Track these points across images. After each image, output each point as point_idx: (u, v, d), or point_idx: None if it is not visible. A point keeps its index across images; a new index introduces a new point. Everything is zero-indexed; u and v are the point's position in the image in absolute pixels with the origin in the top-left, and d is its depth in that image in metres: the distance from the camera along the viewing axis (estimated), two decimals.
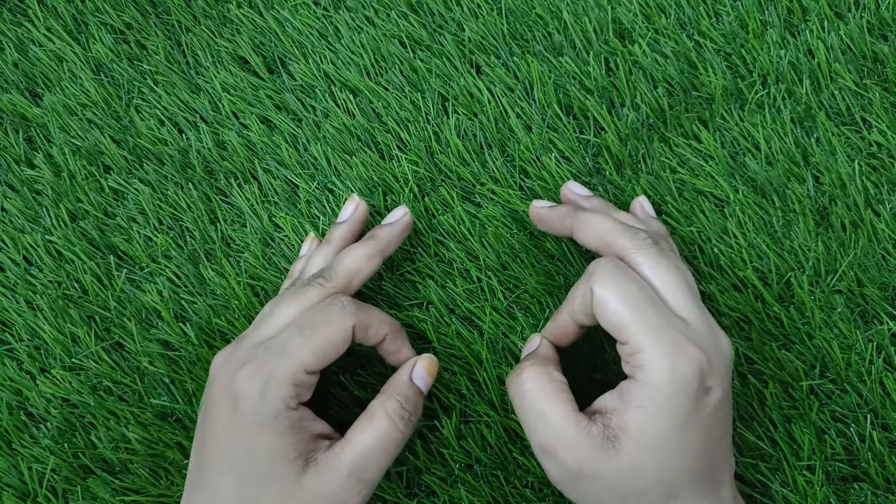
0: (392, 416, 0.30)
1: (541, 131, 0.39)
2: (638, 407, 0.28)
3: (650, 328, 0.28)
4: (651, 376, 0.28)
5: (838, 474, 0.35)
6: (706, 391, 0.28)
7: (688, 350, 0.28)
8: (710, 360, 0.28)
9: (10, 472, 0.36)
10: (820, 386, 0.35)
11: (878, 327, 0.36)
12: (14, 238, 0.40)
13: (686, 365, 0.28)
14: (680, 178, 0.38)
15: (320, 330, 0.30)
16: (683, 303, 0.30)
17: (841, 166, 0.37)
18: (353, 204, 0.37)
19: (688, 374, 0.28)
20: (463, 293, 0.38)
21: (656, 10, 0.40)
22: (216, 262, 0.39)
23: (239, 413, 0.29)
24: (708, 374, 0.28)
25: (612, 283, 0.29)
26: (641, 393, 0.28)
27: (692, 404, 0.28)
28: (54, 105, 0.41)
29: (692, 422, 0.28)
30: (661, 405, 0.28)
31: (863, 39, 0.39)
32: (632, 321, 0.28)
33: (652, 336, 0.28)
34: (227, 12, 0.42)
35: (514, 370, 0.31)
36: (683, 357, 0.28)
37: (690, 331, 0.29)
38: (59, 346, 0.38)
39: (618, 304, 0.29)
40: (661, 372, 0.28)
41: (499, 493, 0.35)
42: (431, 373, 0.32)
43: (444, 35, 0.41)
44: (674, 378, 0.28)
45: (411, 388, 0.31)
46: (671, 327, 0.28)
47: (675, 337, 0.28)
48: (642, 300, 0.29)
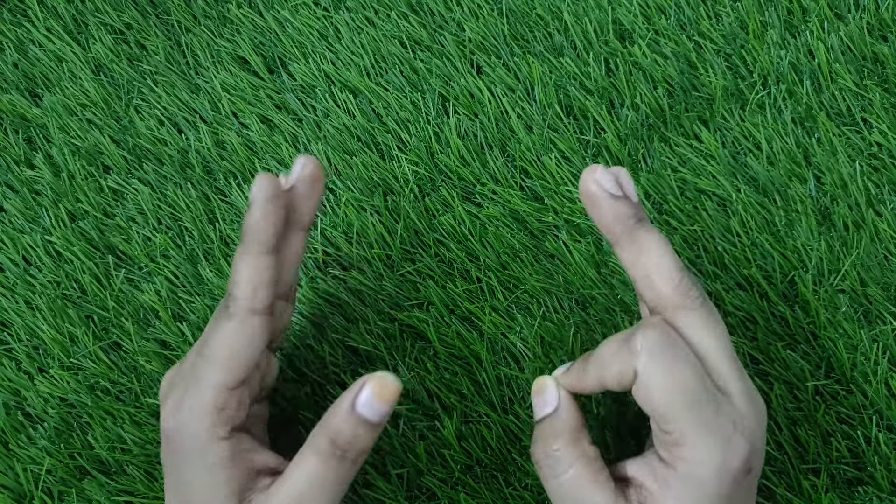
0: (322, 454, 0.26)
1: (541, 131, 0.39)
2: (678, 498, 0.25)
3: (700, 423, 0.25)
4: (696, 471, 0.25)
5: (843, 478, 0.34)
6: (748, 471, 0.26)
7: (735, 442, 0.25)
8: (755, 444, 0.26)
9: (6, 473, 0.36)
10: (825, 387, 0.35)
11: (882, 327, 0.35)
12: (13, 238, 0.40)
13: (733, 458, 0.25)
14: (681, 178, 0.38)
15: (214, 344, 0.26)
16: (727, 371, 0.26)
17: (842, 166, 0.37)
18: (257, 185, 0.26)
19: (735, 468, 0.25)
20: (463, 293, 0.37)
21: (656, 10, 0.40)
22: (214, 262, 0.39)
23: (172, 450, 0.27)
24: (752, 458, 0.26)
25: (664, 368, 0.25)
26: (682, 487, 0.25)
27: (735, 488, 0.26)
28: (54, 105, 0.41)
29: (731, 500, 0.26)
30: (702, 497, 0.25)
31: (863, 40, 0.39)
32: (681, 414, 0.25)
33: (702, 432, 0.25)
34: (227, 12, 0.43)
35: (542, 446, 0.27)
36: (731, 451, 0.25)
37: (736, 412, 0.26)
38: (57, 346, 0.38)
39: (666, 394, 0.25)
40: (709, 471, 0.25)
41: (498, 495, 0.35)
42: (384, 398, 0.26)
43: (444, 35, 0.41)
44: (721, 475, 0.25)
45: (350, 419, 0.26)
46: (722, 418, 0.25)
47: (725, 431, 0.25)
48: (695, 390, 0.25)
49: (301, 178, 0.28)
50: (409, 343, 0.37)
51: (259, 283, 0.26)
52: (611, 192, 0.26)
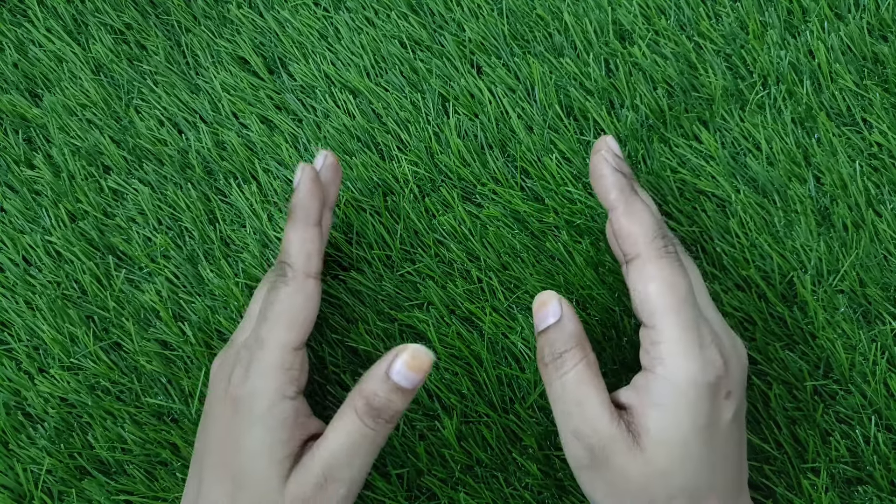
0: (360, 413, 0.28)
1: (542, 132, 0.39)
2: (657, 405, 0.27)
3: (684, 323, 0.27)
4: (674, 374, 0.27)
5: (843, 477, 0.34)
6: (726, 396, 0.27)
7: (711, 353, 0.27)
8: (728, 365, 0.28)
9: (6, 473, 0.36)
10: (824, 387, 0.35)
11: (881, 327, 0.35)
12: (13, 238, 0.40)
13: (709, 367, 0.27)
14: (681, 178, 0.38)
15: (278, 306, 0.29)
16: (706, 303, 0.29)
17: (842, 166, 0.37)
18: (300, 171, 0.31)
19: (710, 377, 0.27)
20: (463, 293, 0.37)
21: (656, 11, 0.40)
22: (215, 262, 0.39)
23: (238, 414, 0.28)
24: (726, 380, 0.27)
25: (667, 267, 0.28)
26: (661, 390, 0.27)
27: (713, 409, 0.27)
28: (54, 105, 0.41)
29: (715, 429, 0.27)
30: (682, 406, 0.27)
31: (863, 40, 0.39)
32: (671, 312, 0.27)
33: (683, 331, 0.27)
34: (227, 13, 0.43)
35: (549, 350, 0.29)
36: (707, 359, 0.27)
37: (713, 331, 0.28)
38: (57, 346, 0.38)
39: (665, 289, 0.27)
40: (685, 371, 0.27)
41: (498, 495, 0.35)
42: (416, 367, 0.28)
43: (444, 35, 0.41)
44: (696, 379, 0.27)
45: (385, 384, 0.28)
46: (702, 327, 0.27)
47: (703, 338, 0.27)
48: (688, 295, 0.28)
49: (325, 166, 0.32)
50: (410, 343, 0.37)
51: (311, 250, 0.30)
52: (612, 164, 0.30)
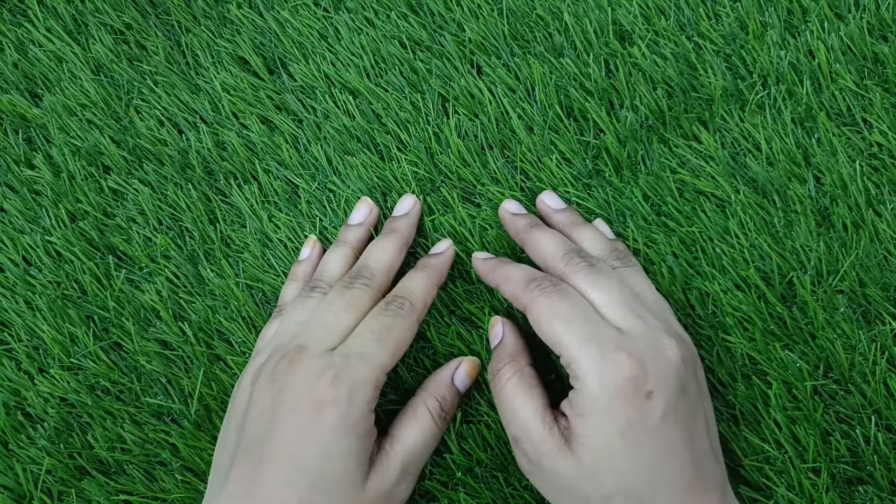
0: (433, 413, 0.33)
1: (542, 132, 0.39)
2: (580, 415, 0.29)
3: (579, 340, 0.30)
4: (585, 385, 0.29)
5: (843, 477, 0.34)
6: (647, 396, 0.29)
7: (616, 357, 0.29)
8: (645, 366, 0.29)
9: (6, 473, 0.36)
10: (824, 387, 0.35)
11: (880, 327, 0.35)
12: (13, 238, 0.40)
13: (615, 371, 0.29)
14: (680, 179, 0.38)
15: (394, 333, 0.32)
16: (620, 314, 0.31)
17: (842, 167, 0.37)
18: (367, 207, 0.38)
19: (618, 381, 0.29)
20: (463, 293, 0.37)
21: (656, 11, 0.40)
22: (215, 262, 0.39)
23: (322, 420, 0.29)
24: (643, 380, 0.29)
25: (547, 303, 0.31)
26: (580, 401, 0.29)
27: (632, 410, 0.29)
28: (54, 105, 0.41)
29: (640, 428, 0.29)
30: (598, 412, 0.29)
31: (863, 40, 0.39)
32: (563, 335, 0.30)
33: (580, 347, 0.29)
34: (227, 13, 0.43)
35: (492, 365, 0.33)
36: (612, 364, 0.29)
37: (624, 339, 0.30)
38: (57, 346, 0.38)
39: (549, 321, 0.30)
40: (592, 380, 0.29)
41: (498, 495, 0.35)
42: (472, 376, 0.35)
43: (444, 36, 0.41)
44: (604, 385, 0.29)
45: (451, 389, 0.34)
46: (600, 336, 0.30)
47: (603, 345, 0.29)
48: (572, 315, 0.30)
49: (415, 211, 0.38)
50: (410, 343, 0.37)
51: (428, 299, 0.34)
52: (511, 211, 0.37)
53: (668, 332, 0.31)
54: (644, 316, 0.31)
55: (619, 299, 0.31)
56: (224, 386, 0.37)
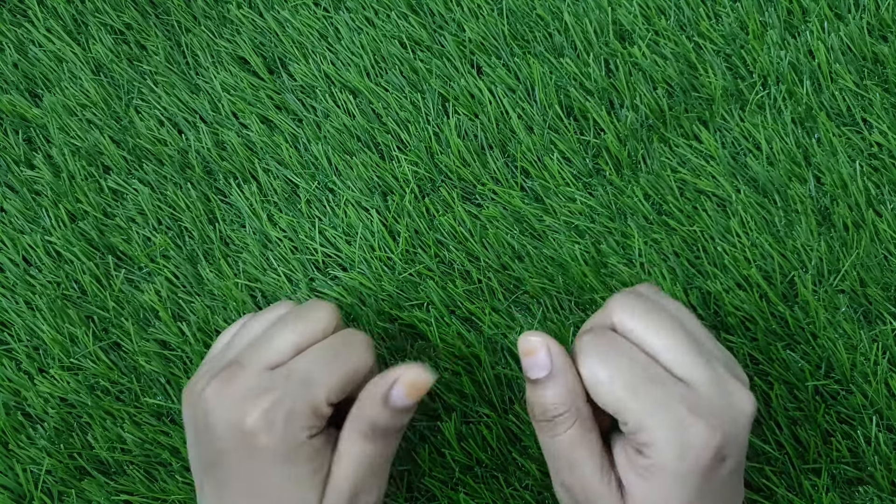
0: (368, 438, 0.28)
1: (542, 132, 0.39)
2: (642, 478, 0.27)
3: (650, 406, 0.26)
4: (656, 455, 0.26)
5: (844, 477, 0.34)
6: (721, 461, 0.27)
7: (695, 425, 0.26)
8: (723, 429, 0.26)
9: (6, 473, 0.36)
10: (825, 387, 0.35)
11: (881, 327, 0.35)
12: (13, 238, 0.40)
13: (696, 441, 0.26)
14: (681, 178, 0.38)
15: (346, 359, 0.29)
16: (684, 360, 0.27)
17: (842, 166, 0.37)
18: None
19: (699, 451, 0.26)
20: (463, 294, 0.37)
21: (656, 11, 0.40)
22: (214, 262, 0.39)
23: (256, 447, 0.27)
24: (722, 445, 0.26)
25: (599, 361, 0.27)
26: (647, 467, 0.27)
27: (704, 479, 0.26)
28: (54, 105, 0.41)
29: (706, 492, 0.27)
30: (667, 482, 0.26)
31: (863, 40, 0.39)
32: (628, 402, 0.26)
33: (653, 415, 0.26)
34: (227, 13, 0.43)
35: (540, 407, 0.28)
36: (692, 434, 0.26)
37: (696, 397, 0.26)
38: (57, 346, 0.38)
39: (609, 385, 0.27)
40: (665, 452, 0.26)
41: (498, 495, 0.35)
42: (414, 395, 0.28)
43: (444, 35, 0.41)
44: (684, 458, 0.26)
45: (385, 409, 0.28)
46: (672, 400, 0.26)
47: (679, 412, 0.26)
48: (635, 375, 0.27)
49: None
50: (409, 343, 0.37)
51: None
52: None
53: (736, 377, 0.28)
54: (711, 361, 0.27)
55: (679, 339, 0.27)
56: None
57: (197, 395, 0.28)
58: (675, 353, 0.27)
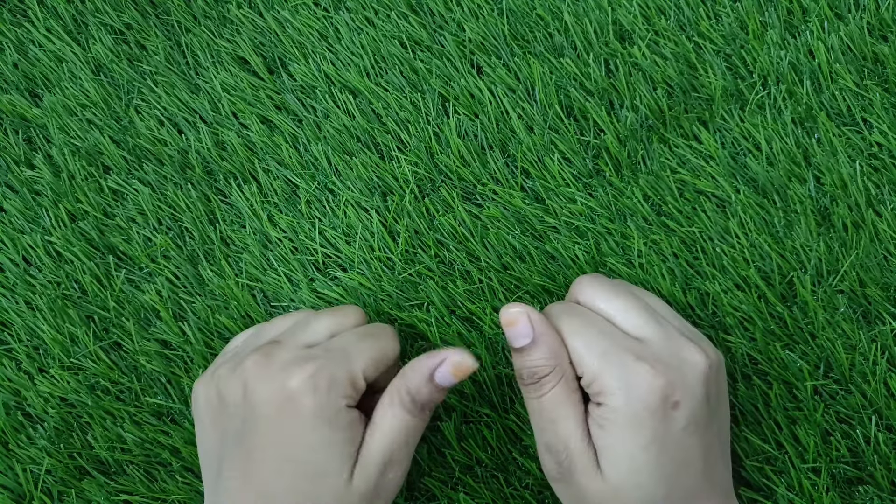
0: (405, 406, 0.30)
1: (542, 132, 0.39)
2: (601, 428, 0.29)
3: (598, 354, 0.29)
4: (608, 400, 0.28)
5: (843, 477, 0.34)
6: (673, 406, 0.28)
7: (639, 368, 0.28)
8: (670, 377, 0.28)
9: (6, 473, 0.36)
10: (824, 386, 0.35)
11: (881, 327, 0.35)
12: (13, 238, 0.40)
13: (640, 384, 0.28)
14: (681, 179, 0.38)
15: (379, 340, 0.31)
16: (638, 323, 0.30)
17: (842, 167, 0.37)
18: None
19: (643, 393, 0.28)
20: (463, 293, 0.37)
21: (656, 11, 0.40)
22: (215, 262, 0.39)
23: (298, 410, 0.28)
24: (669, 390, 0.28)
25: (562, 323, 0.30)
26: (604, 415, 0.29)
27: (657, 422, 0.28)
28: (54, 105, 0.41)
29: (664, 440, 0.28)
30: (622, 426, 0.28)
31: (863, 40, 0.39)
32: (585, 355, 0.29)
33: (600, 362, 0.29)
34: (227, 13, 0.43)
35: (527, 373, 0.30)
36: (635, 376, 0.28)
37: (645, 349, 0.29)
38: (57, 346, 0.38)
39: (570, 341, 0.30)
40: (615, 394, 0.28)
41: (498, 495, 0.35)
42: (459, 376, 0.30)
43: (444, 36, 0.41)
44: (629, 398, 0.28)
45: (429, 384, 0.30)
46: (619, 349, 0.29)
47: (623, 357, 0.29)
48: (588, 330, 0.30)
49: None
50: (410, 343, 0.37)
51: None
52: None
53: (689, 338, 0.30)
54: (663, 323, 0.30)
55: (635, 308, 0.30)
56: None
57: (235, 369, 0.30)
58: (628, 314, 0.30)
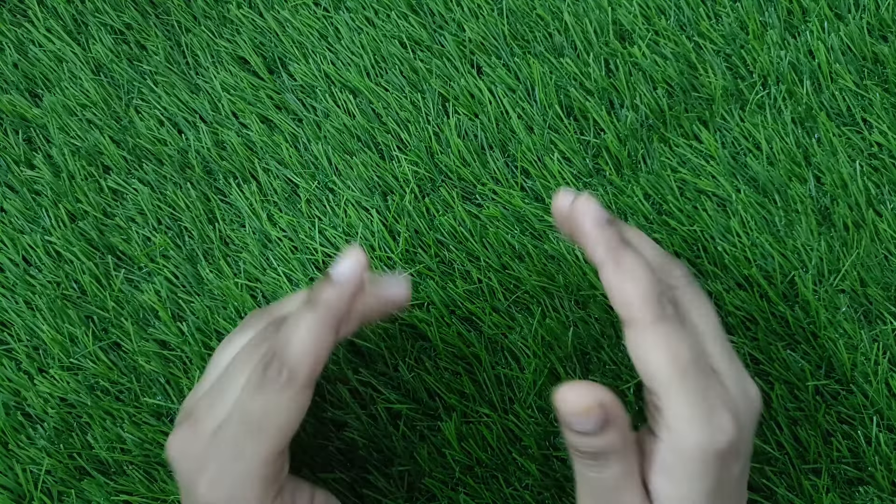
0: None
1: (542, 132, 0.39)
2: (660, 473, 0.26)
3: (690, 393, 0.25)
4: (680, 443, 0.25)
5: (844, 478, 0.34)
6: (735, 457, 0.26)
7: (722, 419, 0.25)
8: (742, 423, 0.26)
9: (5, 473, 0.36)
10: (825, 386, 0.35)
11: (882, 327, 0.35)
12: (13, 238, 0.40)
13: (719, 435, 0.25)
14: (681, 178, 0.38)
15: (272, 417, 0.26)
16: (718, 352, 0.27)
17: (842, 166, 0.37)
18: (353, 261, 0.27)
19: (721, 446, 0.25)
20: (463, 293, 0.37)
21: (656, 11, 0.40)
22: (214, 262, 0.39)
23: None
24: (739, 443, 0.26)
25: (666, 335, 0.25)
26: (667, 457, 0.25)
27: (721, 473, 0.26)
28: (54, 105, 0.41)
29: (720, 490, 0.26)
30: (689, 476, 0.25)
31: (863, 40, 0.39)
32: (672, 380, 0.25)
33: (689, 400, 0.25)
34: (227, 12, 0.43)
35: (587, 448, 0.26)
36: (717, 426, 0.25)
37: (724, 389, 0.26)
38: (57, 346, 0.38)
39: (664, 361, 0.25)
40: (691, 440, 0.25)
41: (498, 495, 0.35)
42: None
43: (444, 35, 0.41)
44: (706, 448, 0.25)
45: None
46: (709, 390, 0.25)
47: (712, 403, 0.25)
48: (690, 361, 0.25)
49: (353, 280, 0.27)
50: (410, 343, 0.37)
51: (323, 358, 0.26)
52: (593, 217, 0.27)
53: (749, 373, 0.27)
54: (732, 354, 0.27)
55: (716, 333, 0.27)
56: None
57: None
58: (713, 341, 0.27)
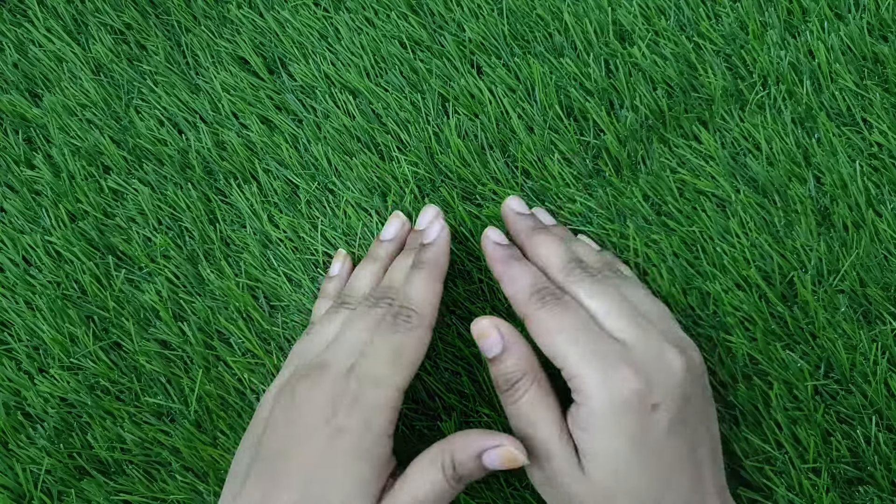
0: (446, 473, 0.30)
1: (542, 132, 0.39)
2: (584, 430, 0.29)
3: (582, 355, 0.29)
4: (589, 400, 0.29)
5: (844, 477, 0.34)
6: (653, 409, 0.29)
7: (621, 371, 0.29)
8: (649, 378, 0.29)
9: (6, 473, 0.36)
10: (825, 386, 0.35)
11: (881, 327, 0.35)
12: (13, 238, 0.40)
13: (620, 385, 0.29)
14: (681, 179, 0.38)
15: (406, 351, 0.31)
16: (621, 325, 0.31)
17: (842, 167, 0.37)
18: (399, 222, 0.37)
19: (623, 395, 0.29)
20: (463, 293, 0.37)
21: (656, 11, 0.40)
22: (215, 262, 0.39)
23: (336, 446, 0.29)
24: (648, 393, 0.29)
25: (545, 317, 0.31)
26: (585, 417, 0.29)
27: (638, 424, 0.29)
28: (54, 105, 0.41)
29: (645, 441, 0.29)
30: (604, 427, 0.29)
31: (863, 40, 0.39)
32: (565, 350, 0.30)
33: (584, 362, 0.29)
34: (227, 13, 0.43)
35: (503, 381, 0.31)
36: (617, 378, 0.29)
37: (627, 352, 0.30)
38: (57, 346, 0.38)
39: (550, 335, 0.30)
40: (596, 395, 0.29)
41: (499, 495, 0.35)
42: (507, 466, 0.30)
43: (444, 36, 0.41)
44: (610, 400, 0.29)
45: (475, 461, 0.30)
46: (603, 351, 0.29)
47: (606, 360, 0.29)
48: (575, 329, 0.30)
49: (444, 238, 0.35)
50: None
51: (437, 304, 0.32)
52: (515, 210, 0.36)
53: (671, 342, 0.31)
54: (645, 326, 0.31)
55: (619, 310, 0.31)
56: (224, 386, 0.37)
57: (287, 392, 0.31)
58: (613, 318, 0.31)
